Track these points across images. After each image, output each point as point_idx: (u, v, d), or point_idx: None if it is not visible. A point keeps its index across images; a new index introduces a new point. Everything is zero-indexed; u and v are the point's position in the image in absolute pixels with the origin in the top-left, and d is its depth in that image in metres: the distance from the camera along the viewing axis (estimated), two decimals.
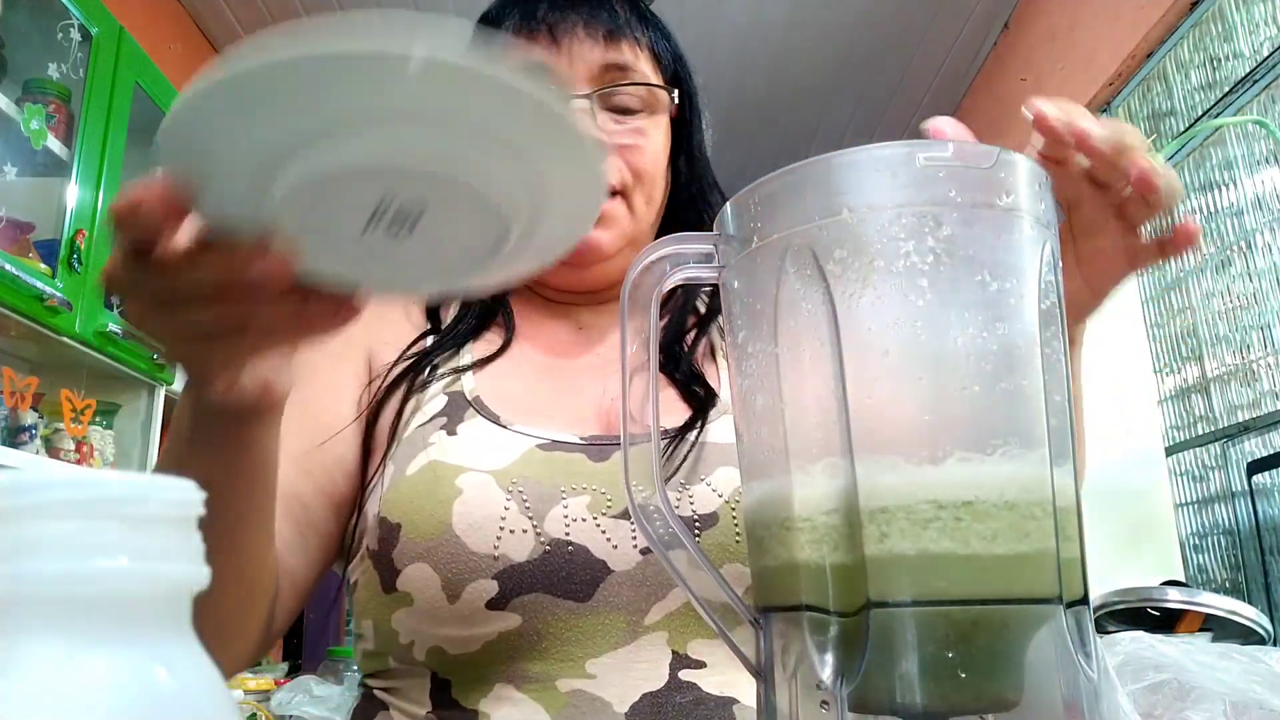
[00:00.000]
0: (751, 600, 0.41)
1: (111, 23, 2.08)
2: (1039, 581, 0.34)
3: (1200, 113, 2.28)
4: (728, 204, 0.41)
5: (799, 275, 0.36)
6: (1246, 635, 1.40)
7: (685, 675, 0.59)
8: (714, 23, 3.15)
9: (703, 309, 0.80)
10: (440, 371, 0.69)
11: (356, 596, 0.66)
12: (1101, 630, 1.40)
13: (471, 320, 0.74)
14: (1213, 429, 2.27)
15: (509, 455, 0.62)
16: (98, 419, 2.10)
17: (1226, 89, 2.17)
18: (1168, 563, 2.16)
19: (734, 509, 0.62)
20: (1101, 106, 2.67)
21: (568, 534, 0.60)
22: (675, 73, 0.77)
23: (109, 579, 0.25)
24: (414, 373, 0.69)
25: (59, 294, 1.81)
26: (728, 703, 0.59)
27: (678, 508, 0.61)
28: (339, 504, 0.67)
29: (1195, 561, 2.32)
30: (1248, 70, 2.10)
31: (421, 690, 0.61)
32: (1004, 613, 0.34)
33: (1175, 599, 1.48)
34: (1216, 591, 1.84)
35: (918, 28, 3.19)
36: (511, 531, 0.59)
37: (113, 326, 2.01)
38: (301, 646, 4.27)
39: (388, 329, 0.73)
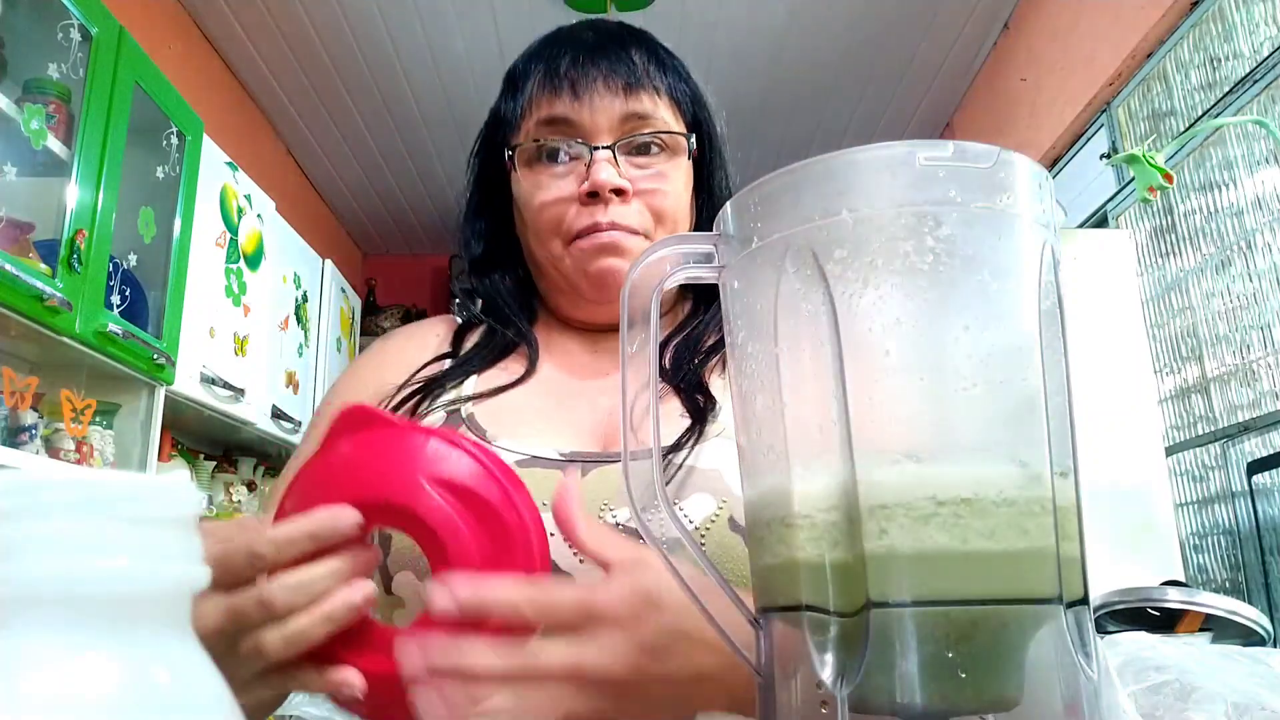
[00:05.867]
0: (751, 601, 0.41)
1: (111, 23, 2.08)
2: (1039, 581, 0.34)
3: (1200, 113, 2.28)
4: (728, 204, 0.41)
5: (799, 275, 0.36)
6: (1246, 635, 1.40)
7: None
8: (714, 23, 3.15)
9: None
10: (441, 401, 0.73)
11: None
12: (1102, 630, 1.40)
13: (490, 353, 0.78)
14: (1213, 429, 2.27)
15: None
16: (98, 419, 2.10)
17: (1226, 89, 2.17)
18: (1168, 563, 2.16)
19: (702, 536, 0.63)
20: (1101, 107, 2.67)
21: None
22: (695, 115, 0.80)
23: (109, 579, 0.25)
24: (418, 396, 0.73)
25: (59, 294, 1.81)
26: None
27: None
28: None
29: (1195, 561, 2.32)
30: (1248, 70, 2.10)
31: None
32: (1004, 612, 0.34)
33: (1175, 599, 1.48)
34: (1216, 591, 1.84)
35: (917, 28, 3.19)
36: None
37: (113, 326, 2.01)
38: None
39: (416, 359, 0.78)
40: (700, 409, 0.70)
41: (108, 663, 0.25)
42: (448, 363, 0.78)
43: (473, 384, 0.75)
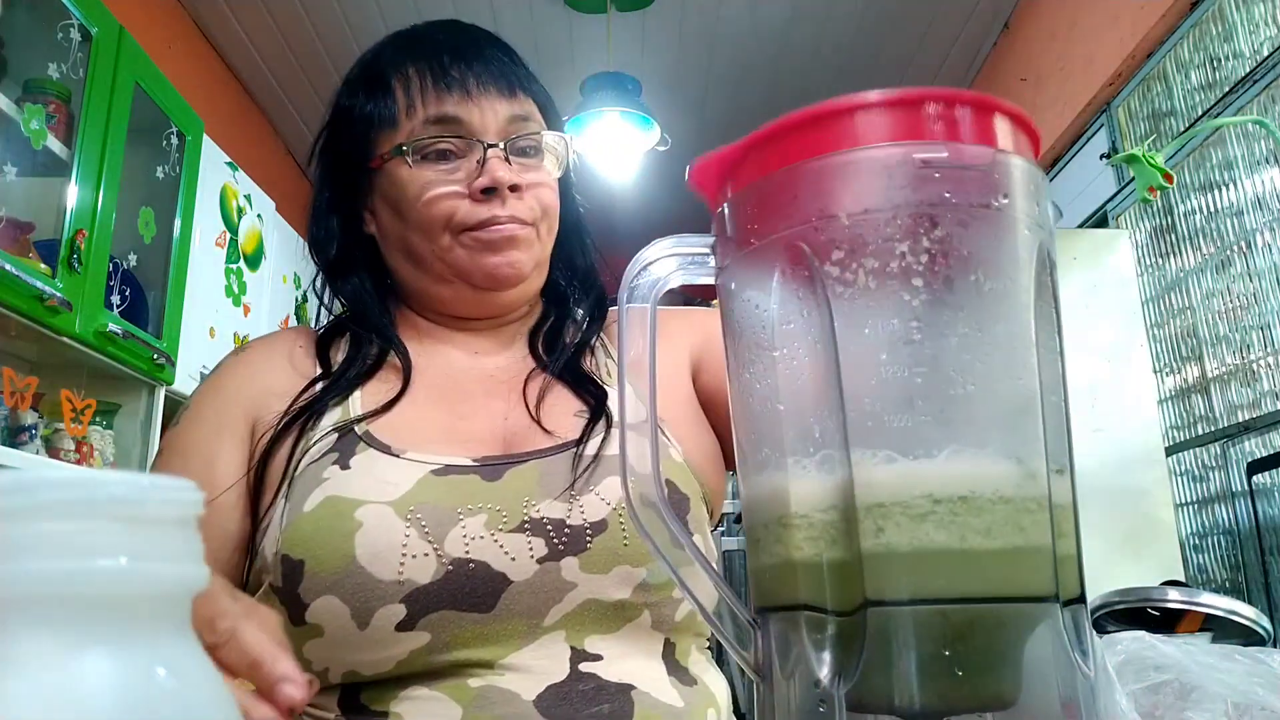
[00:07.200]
0: (751, 600, 0.41)
1: (111, 23, 2.08)
2: (1035, 579, 0.34)
3: (1200, 113, 2.28)
4: (726, 204, 0.41)
5: (796, 276, 0.37)
6: (1246, 635, 1.40)
7: (585, 667, 0.64)
8: (714, 23, 3.15)
9: (580, 318, 0.84)
10: (328, 422, 0.71)
11: None
12: (1101, 630, 1.40)
13: (363, 364, 0.76)
14: (1213, 429, 2.27)
15: (404, 484, 0.66)
16: (98, 419, 2.11)
17: (1226, 89, 2.17)
18: (1168, 563, 2.16)
19: (621, 516, 0.67)
20: (1101, 106, 2.67)
21: (467, 552, 0.64)
22: (554, 123, 0.83)
23: (109, 579, 0.25)
24: (303, 418, 0.72)
25: (59, 294, 1.81)
26: (626, 688, 0.65)
27: (568, 516, 0.66)
28: (232, 578, 0.70)
29: (1195, 561, 2.32)
30: (1248, 70, 2.10)
31: (330, 699, 0.65)
32: (1001, 611, 0.34)
33: (1175, 599, 1.48)
34: (1216, 591, 1.84)
35: (917, 28, 3.19)
36: (414, 556, 0.63)
37: (113, 326, 2.01)
38: None
39: (273, 381, 0.75)
40: (599, 402, 0.74)
41: (107, 663, 0.25)
42: (319, 386, 0.75)
43: (358, 400, 0.73)
